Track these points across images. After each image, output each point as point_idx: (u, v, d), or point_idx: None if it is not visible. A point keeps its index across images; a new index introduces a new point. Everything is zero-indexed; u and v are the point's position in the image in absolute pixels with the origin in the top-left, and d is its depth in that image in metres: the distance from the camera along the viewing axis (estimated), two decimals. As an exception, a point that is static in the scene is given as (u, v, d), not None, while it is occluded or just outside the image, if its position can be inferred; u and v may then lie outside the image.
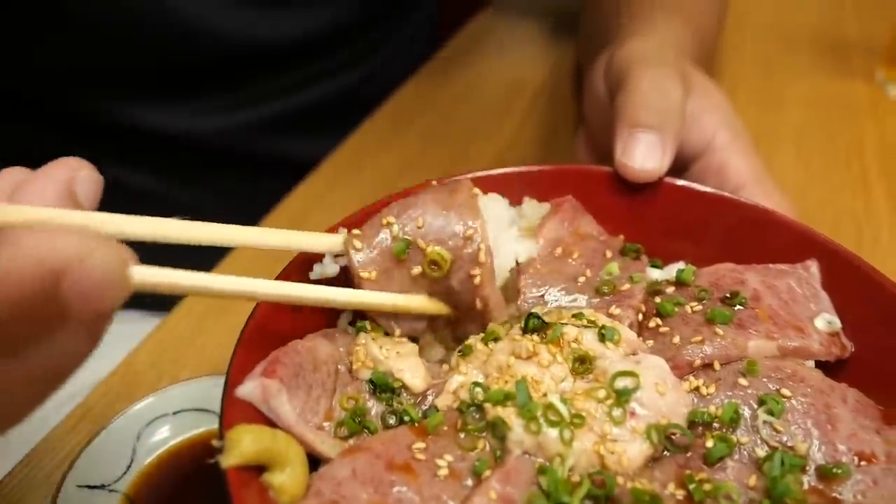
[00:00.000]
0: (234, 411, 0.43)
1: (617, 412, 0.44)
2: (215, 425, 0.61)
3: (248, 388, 0.43)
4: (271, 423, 0.44)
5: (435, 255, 0.51)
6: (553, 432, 0.43)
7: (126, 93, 0.98)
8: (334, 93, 1.09)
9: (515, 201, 0.62)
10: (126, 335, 0.82)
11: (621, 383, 0.45)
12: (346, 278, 0.53)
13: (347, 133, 1.06)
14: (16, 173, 0.41)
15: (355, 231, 0.52)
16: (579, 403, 0.45)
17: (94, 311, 0.33)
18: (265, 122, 1.04)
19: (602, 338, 0.48)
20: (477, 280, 0.51)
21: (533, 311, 0.53)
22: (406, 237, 0.51)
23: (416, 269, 0.51)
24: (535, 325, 0.50)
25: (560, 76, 1.23)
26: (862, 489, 0.43)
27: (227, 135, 1.02)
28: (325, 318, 0.54)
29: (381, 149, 1.04)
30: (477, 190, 0.54)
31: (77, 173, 0.41)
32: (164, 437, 0.60)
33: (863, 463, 0.44)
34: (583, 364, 0.47)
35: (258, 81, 1.02)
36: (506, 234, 0.56)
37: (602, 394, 0.45)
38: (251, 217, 0.91)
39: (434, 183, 0.58)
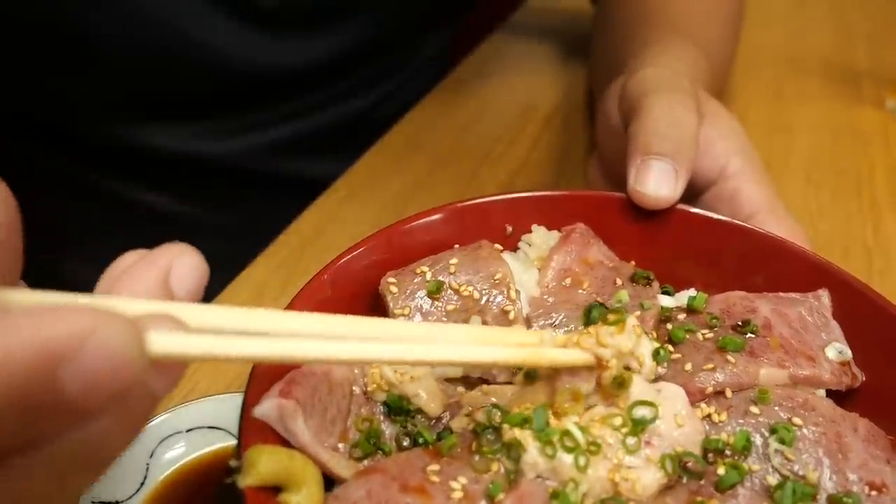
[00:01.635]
0: (251, 431, 0.43)
1: (631, 441, 0.45)
2: (229, 443, 0.62)
3: (265, 408, 0.44)
4: (287, 443, 0.44)
5: (467, 292, 0.55)
6: (568, 458, 0.43)
7: (143, 117, 0.99)
8: (349, 115, 1.10)
9: (525, 226, 0.63)
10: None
11: (640, 413, 0.46)
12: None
13: (361, 153, 1.07)
14: (128, 258, 0.37)
15: (391, 279, 0.56)
16: (595, 430, 0.45)
17: (105, 396, 0.29)
18: (281, 144, 1.06)
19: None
20: (511, 316, 0.54)
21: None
22: (440, 279, 0.56)
23: (451, 307, 0.55)
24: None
25: (572, 99, 1.24)
26: (873, 519, 0.44)
27: (244, 156, 1.04)
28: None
29: (393, 169, 1.06)
30: (498, 245, 0.59)
31: (176, 260, 0.36)
32: (178, 455, 0.61)
33: (873, 493, 0.45)
34: (621, 387, 0.47)
35: (275, 105, 1.04)
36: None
37: (618, 421, 0.45)
38: (267, 235, 0.92)
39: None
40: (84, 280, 1.20)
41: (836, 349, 0.54)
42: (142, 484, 0.59)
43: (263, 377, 0.46)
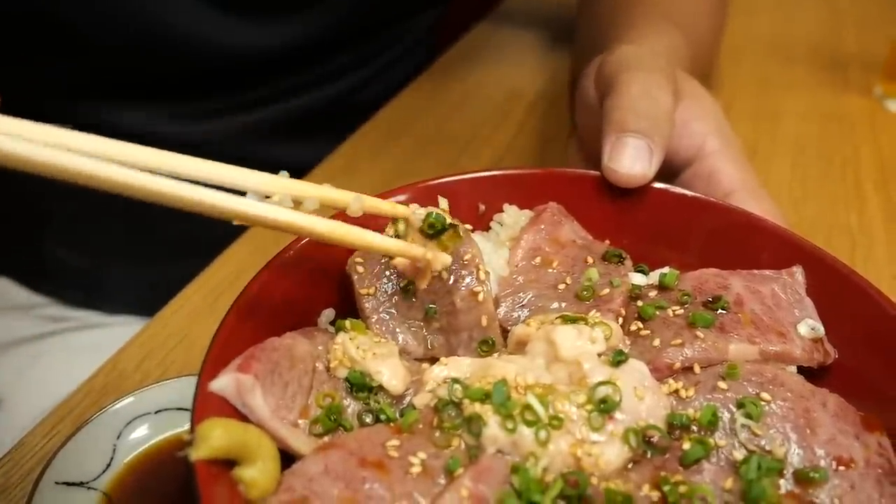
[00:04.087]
0: (206, 406, 0.42)
1: (595, 416, 0.44)
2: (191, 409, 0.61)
3: (222, 383, 0.43)
4: (245, 419, 0.43)
5: (435, 272, 0.52)
6: (528, 431, 0.43)
7: (121, 100, 0.98)
8: (330, 98, 1.09)
9: (498, 206, 0.62)
10: (118, 341, 0.82)
11: (602, 392, 0.45)
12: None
13: (341, 139, 1.07)
14: None
15: (358, 259, 0.54)
16: (559, 406, 0.44)
17: None
18: (259, 127, 1.05)
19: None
20: (481, 297, 0.52)
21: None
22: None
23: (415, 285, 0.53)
24: None
25: (557, 87, 1.23)
26: (839, 494, 0.43)
27: (220, 140, 1.03)
28: (306, 316, 0.54)
29: (374, 156, 1.05)
30: (469, 225, 0.57)
31: None
32: (145, 436, 0.60)
33: (841, 468, 0.44)
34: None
35: (252, 87, 1.03)
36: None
37: (582, 398, 0.45)
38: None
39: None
40: (69, 264, 1.18)
41: (809, 325, 0.53)
42: (108, 465, 0.58)
43: (222, 352, 0.46)
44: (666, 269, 0.58)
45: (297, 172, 0.98)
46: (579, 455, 0.43)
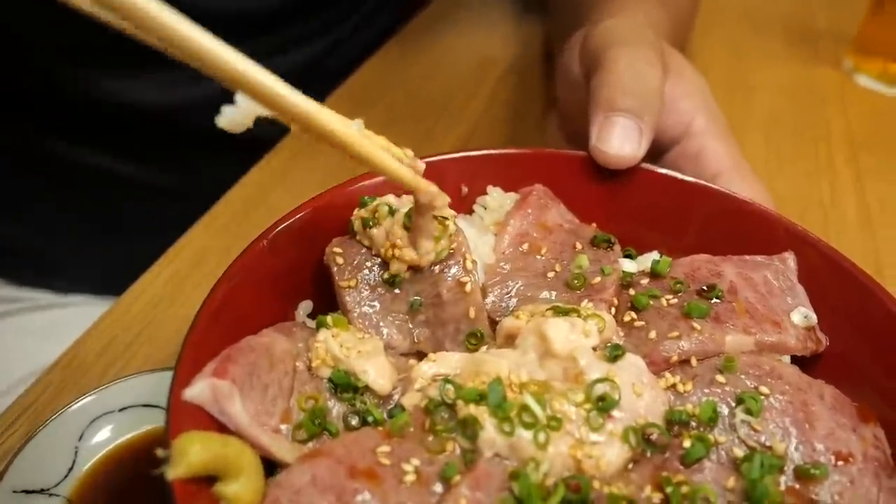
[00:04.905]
0: (181, 415, 0.39)
1: (594, 416, 0.42)
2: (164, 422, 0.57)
3: (197, 390, 0.40)
4: (222, 427, 0.40)
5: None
6: (527, 434, 0.41)
7: (86, 63, 0.92)
8: (300, 63, 1.04)
9: (481, 188, 0.59)
10: (73, 323, 0.77)
11: (600, 390, 0.43)
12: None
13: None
14: None
15: (336, 249, 0.51)
16: (557, 405, 0.42)
17: None
18: (228, 94, 0.99)
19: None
20: (468, 287, 0.50)
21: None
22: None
23: (400, 278, 0.50)
24: None
25: (530, 55, 1.20)
26: (839, 490, 0.42)
27: (190, 107, 0.97)
28: (283, 309, 0.51)
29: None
30: (452, 212, 0.54)
31: None
32: (109, 437, 0.56)
33: (840, 463, 0.43)
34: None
35: None
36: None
37: (580, 397, 0.43)
38: (212, 193, 0.86)
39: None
40: (17, 240, 1.12)
41: (802, 314, 0.52)
42: (70, 469, 0.54)
43: (195, 354, 0.42)
44: (657, 255, 0.56)
45: (267, 143, 0.94)
46: (580, 457, 0.41)
